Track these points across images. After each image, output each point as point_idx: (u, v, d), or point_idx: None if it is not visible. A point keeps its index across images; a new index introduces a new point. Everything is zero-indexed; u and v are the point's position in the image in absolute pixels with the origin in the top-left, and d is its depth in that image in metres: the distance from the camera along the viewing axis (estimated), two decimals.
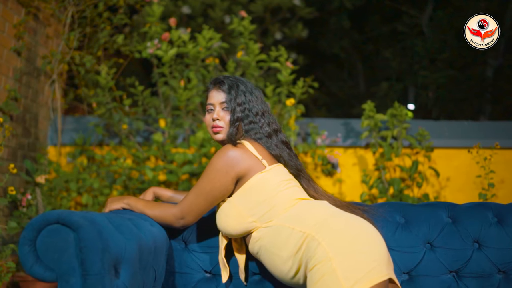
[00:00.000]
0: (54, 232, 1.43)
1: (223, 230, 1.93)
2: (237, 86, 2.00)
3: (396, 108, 3.80)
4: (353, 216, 1.83)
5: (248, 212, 1.88)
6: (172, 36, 3.45)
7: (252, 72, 3.58)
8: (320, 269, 1.66)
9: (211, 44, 3.59)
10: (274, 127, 2.03)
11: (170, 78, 3.50)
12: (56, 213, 1.43)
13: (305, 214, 1.84)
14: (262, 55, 3.62)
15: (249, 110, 1.98)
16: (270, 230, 1.85)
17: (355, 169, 4.02)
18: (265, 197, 1.87)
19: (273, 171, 1.93)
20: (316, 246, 1.71)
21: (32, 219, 1.48)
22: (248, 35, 3.67)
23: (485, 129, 4.20)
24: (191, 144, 3.37)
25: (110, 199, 2.03)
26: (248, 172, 1.89)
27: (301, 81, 3.58)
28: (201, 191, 1.90)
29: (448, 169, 3.96)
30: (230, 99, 1.98)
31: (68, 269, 1.40)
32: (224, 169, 1.88)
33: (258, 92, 2.05)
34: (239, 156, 1.88)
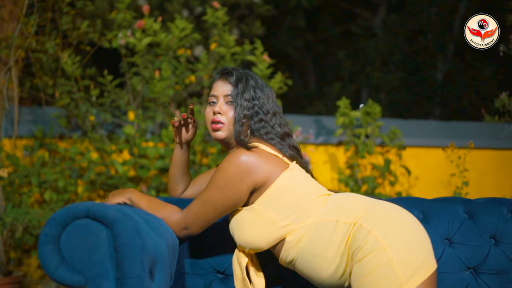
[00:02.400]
0: (83, 228, 1.21)
1: (249, 244, 1.72)
2: (247, 80, 1.79)
3: (370, 105, 3.77)
4: (392, 205, 1.70)
5: (280, 216, 1.69)
6: (146, 25, 3.26)
7: (227, 65, 3.44)
8: (373, 259, 1.52)
9: (184, 34, 3.43)
10: (286, 130, 1.84)
11: (142, 69, 3.31)
12: (85, 205, 1.22)
13: (346, 205, 1.69)
14: (237, 48, 3.49)
15: (260, 108, 1.78)
16: (309, 228, 1.68)
17: (326, 166, 3.96)
18: (297, 196, 1.70)
19: (297, 168, 1.77)
20: (366, 234, 1.57)
21: (55, 213, 1.24)
22: (222, 26, 3.53)
23: (454, 129, 4.25)
24: (163, 138, 3.19)
25: (112, 193, 1.82)
26: (269, 176, 1.70)
27: (279, 75, 3.48)
28: (209, 199, 1.69)
29: (417, 168, 3.98)
30: (237, 93, 1.77)
31: (100, 271, 1.19)
32: (237, 176, 1.67)
33: (270, 90, 1.86)
34: (255, 162, 1.68)
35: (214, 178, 1.71)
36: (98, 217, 1.21)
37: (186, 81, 3.51)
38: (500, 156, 4.09)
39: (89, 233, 1.21)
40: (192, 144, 3.25)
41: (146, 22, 3.25)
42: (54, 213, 1.22)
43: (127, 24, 3.40)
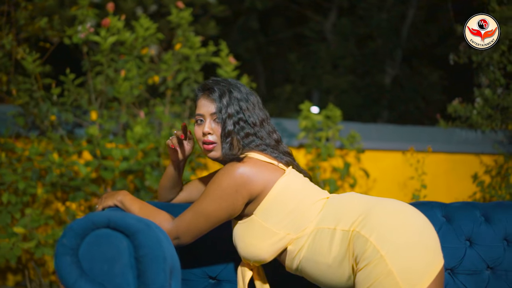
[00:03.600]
0: (103, 238, 1.16)
1: (253, 257, 1.69)
2: (230, 93, 1.75)
3: (331, 109, 3.84)
4: (390, 201, 1.66)
5: (278, 226, 1.66)
6: (111, 23, 3.19)
7: (192, 66, 3.41)
8: (374, 270, 1.50)
9: (149, 33, 3.37)
10: (275, 137, 1.80)
11: (107, 67, 3.23)
12: (105, 215, 1.16)
13: (342, 210, 1.66)
14: (202, 49, 3.47)
15: (245, 121, 1.73)
16: (308, 237, 1.66)
17: None
18: (295, 203, 1.68)
19: (293, 173, 1.74)
20: (364, 243, 1.54)
21: (73, 222, 1.18)
22: (187, 27, 3.50)
23: (409, 133, 4.39)
24: (128, 140, 3.13)
25: (105, 195, 1.76)
26: (266, 185, 1.67)
27: (245, 78, 3.49)
28: (203, 211, 1.65)
29: (375, 170, 4.08)
30: (221, 108, 1.73)
31: (122, 283, 1.14)
32: (232, 188, 1.64)
33: (254, 97, 1.80)
34: (250, 173, 1.65)
35: (208, 190, 1.68)
36: (119, 227, 1.17)
37: (149, 81, 3.46)
38: (452, 160, 4.26)
39: (110, 244, 1.17)
40: (158, 146, 3.21)
41: (112, 20, 3.17)
42: (71, 223, 1.15)
43: (89, 21, 3.32)
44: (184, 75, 3.40)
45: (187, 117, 3.48)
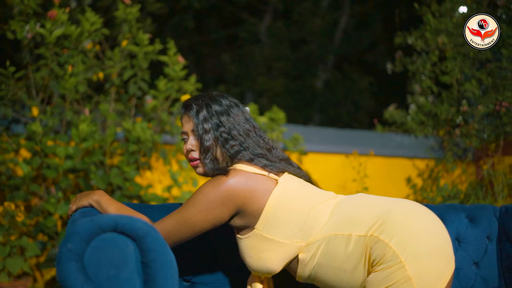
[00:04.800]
0: (109, 242, 1.10)
1: (262, 270, 1.67)
2: (208, 107, 1.72)
3: (275, 111, 3.89)
4: (405, 203, 1.65)
5: (283, 236, 1.64)
6: (57, 15, 3.05)
7: (140, 64, 3.34)
8: (392, 275, 1.51)
9: (94, 28, 3.26)
10: (266, 145, 1.76)
11: (51, 62, 3.08)
12: (112, 218, 1.10)
13: (356, 215, 1.62)
14: (149, 47, 3.40)
15: (228, 133, 1.70)
16: (321, 243, 1.62)
17: None
18: (296, 212, 1.65)
19: (287, 180, 1.71)
20: (384, 247, 1.53)
21: (77, 226, 1.10)
22: (135, 23, 3.42)
23: (349, 137, 4.52)
24: (73, 137, 3.01)
25: (80, 194, 1.69)
26: (255, 197, 1.64)
27: (193, 78, 3.45)
28: (186, 220, 1.61)
29: (316, 172, 4.17)
30: (197, 124, 1.71)
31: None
32: (218, 200, 1.62)
33: (238, 109, 1.76)
34: (237, 184, 1.63)
35: (194, 200, 1.64)
36: (127, 231, 1.11)
37: (94, 77, 3.35)
38: (388, 163, 4.43)
39: (116, 248, 1.11)
40: (103, 145, 3.11)
41: (59, 13, 3.04)
42: (75, 227, 1.08)
43: (30, 11, 3.15)
44: (131, 73, 3.32)
45: (133, 116, 3.40)
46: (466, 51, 4.25)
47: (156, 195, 3.25)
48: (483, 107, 4.01)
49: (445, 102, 4.32)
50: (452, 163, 4.26)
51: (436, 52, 4.49)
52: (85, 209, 1.58)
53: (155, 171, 3.59)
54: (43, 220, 2.95)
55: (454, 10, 4.47)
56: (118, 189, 3.13)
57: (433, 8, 4.50)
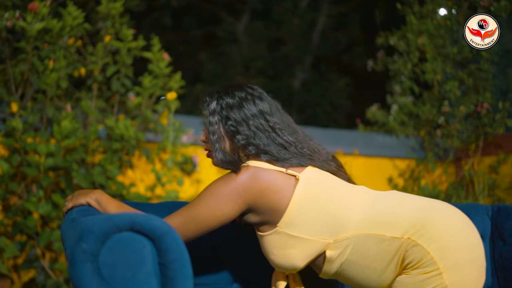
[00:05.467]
0: (125, 242, 1.03)
1: (286, 267, 1.61)
2: (219, 99, 1.69)
3: None
4: (442, 206, 1.60)
5: (309, 233, 1.57)
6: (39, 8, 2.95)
7: (123, 60, 3.26)
8: (428, 281, 1.48)
9: (76, 23, 3.17)
10: (280, 141, 1.65)
11: (31, 56, 2.99)
12: (129, 217, 1.04)
13: (391, 215, 1.56)
14: (133, 43, 3.33)
15: (235, 127, 1.64)
16: (351, 241, 1.56)
17: (213, 169, 3.94)
18: (323, 208, 1.58)
19: (311, 175, 1.63)
20: (421, 252, 1.49)
21: (92, 225, 1.04)
22: (119, 18, 3.34)
23: (332, 136, 4.52)
24: (55, 135, 2.92)
25: (77, 192, 1.63)
26: (272, 195, 1.57)
27: (178, 75, 3.39)
28: (195, 216, 1.57)
29: None
30: (207, 116, 1.69)
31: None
32: (227, 197, 1.56)
33: (253, 104, 1.68)
34: (247, 181, 1.56)
35: (203, 196, 1.59)
36: (144, 230, 1.05)
37: (75, 73, 3.26)
38: (370, 163, 4.44)
39: (132, 248, 1.05)
40: (86, 142, 3.03)
41: (40, 6, 2.94)
42: (90, 226, 1.02)
43: (9, 4, 3.05)
44: (114, 69, 3.25)
45: (116, 113, 3.33)
46: (447, 52, 4.30)
47: (139, 194, 3.19)
48: (464, 107, 4.05)
49: (426, 102, 4.36)
50: (433, 163, 4.29)
51: (417, 53, 4.52)
52: (82, 208, 1.52)
53: (137, 169, 3.52)
54: (23, 220, 2.86)
55: (435, 12, 4.51)
56: (101, 188, 3.06)
57: (415, 9, 4.54)
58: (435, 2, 4.45)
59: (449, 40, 4.38)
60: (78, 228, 1.04)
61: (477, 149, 4.11)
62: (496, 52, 4.10)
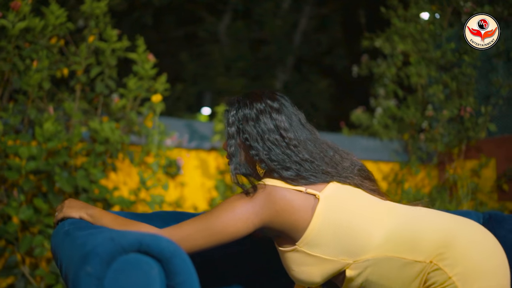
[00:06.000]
0: (132, 265, 0.97)
1: (304, 282, 1.58)
2: (237, 110, 1.63)
3: None
4: (470, 227, 1.54)
5: (328, 253, 1.53)
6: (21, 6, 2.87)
7: (108, 61, 3.19)
8: None
9: (59, 22, 3.09)
10: (296, 159, 1.58)
11: (13, 56, 2.90)
12: (135, 237, 0.97)
13: (415, 237, 1.50)
14: (117, 44, 3.26)
15: (249, 141, 1.60)
16: (371, 263, 1.51)
17: (197, 172, 3.90)
18: (344, 230, 1.53)
19: (332, 194, 1.57)
20: (444, 277, 1.45)
21: (96, 246, 0.97)
22: (103, 18, 3.27)
23: None
24: (37, 137, 2.84)
25: (68, 203, 1.55)
26: (291, 215, 1.53)
27: (164, 77, 3.33)
28: (206, 228, 1.52)
29: None
30: (226, 127, 1.65)
31: None
32: (244, 214, 1.52)
33: (269, 117, 1.60)
34: (265, 202, 1.52)
35: (219, 210, 1.55)
36: (152, 251, 0.99)
37: (58, 73, 3.18)
38: None
39: (140, 271, 0.99)
40: (69, 145, 2.95)
41: (23, 4, 2.86)
42: (94, 247, 0.95)
43: None
44: (98, 70, 3.18)
45: (99, 115, 3.26)
46: (430, 56, 4.32)
47: (123, 198, 3.12)
48: (448, 111, 4.08)
49: (410, 106, 4.37)
50: (416, 166, 4.31)
51: (400, 56, 4.54)
52: (75, 220, 1.46)
53: (120, 172, 3.45)
54: (3, 225, 2.77)
55: (419, 16, 4.53)
56: (84, 192, 2.98)
57: (399, 13, 4.55)
58: (419, 6, 4.47)
59: (433, 44, 4.41)
60: (81, 248, 0.97)
61: (460, 153, 4.14)
62: (478, 57, 4.13)
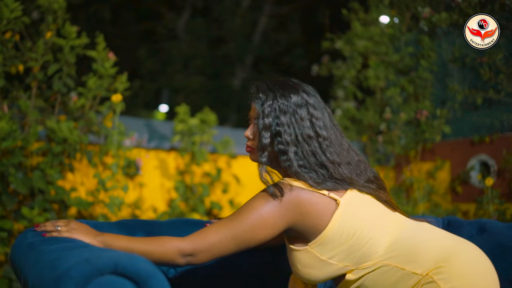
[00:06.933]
0: (107, 287, 0.92)
1: (307, 279, 1.57)
2: (273, 100, 1.56)
3: (207, 113, 3.78)
4: (469, 248, 1.55)
5: (335, 258, 1.53)
6: None
7: (67, 58, 3.09)
8: None
9: (14, 16, 2.98)
10: (324, 159, 1.54)
11: None
12: (111, 258, 0.92)
13: (416, 250, 1.51)
14: (76, 40, 3.16)
15: (280, 135, 1.54)
16: (372, 270, 1.52)
17: (156, 172, 3.85)
18: (354, 238, 1.52)
19: (350, 200, 1.55)
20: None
21: (70, 268, 0.91)
22: (62, 13, 3.17)
23: None
24: None
25: (76, 226, 1.46)
26: (312, 218, 1.51)
27: (125, 76, 3.25)
28: (235, 235, 1.49)
29: (245, 176, 4.12)
30: (259, 116, 1.57)
31: None
32: (271, 218, 1.48)
33: (306, 111, 1.56)
34: (291, 203, 1.49)
35: (245, 215, 1.50)
36: (128, 272, 0.94)
37: (13, 70, 3.06)
38: None
39: None
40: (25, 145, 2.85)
41: None
42: (68, 269, 0.88)
43: None
44: (56, 67, 3.07)
45: (57, 113, 3.15)
46: (389, 60, 4.40)
47: (81, 200, 3.04)
48: (405, 114, 4.16)
49: (369, 108, 4.44)
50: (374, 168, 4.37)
51: (360, 59, 4.60)
52: (38, 232, 1.38)
53: (77, 172, 3.36)
54: None
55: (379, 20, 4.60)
56: (40, 193, 2.89)
57: (360, 16, 4.61)
58: (379, 10, 4.54)
59: (392, 48, 4.48)
60: (52, 269, 0.92)
61: (417, 155, 4.23)
62: (435, 62, 4.24)
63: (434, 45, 4.23)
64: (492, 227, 2.12)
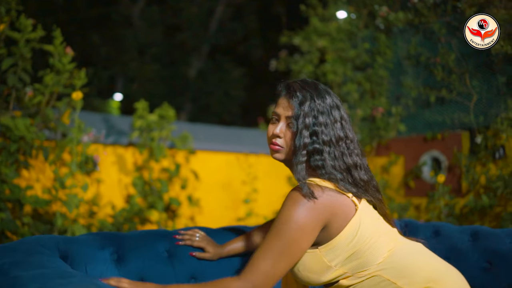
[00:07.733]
0: None
1: (304, 281, 1.58)
2: (311, 100, 1.57)
3: (165, 109, 3.75)
4: (459, 276, 1.61)
5: (339, 265, 1.55)
6: None
7: (22, 52, 3.00)
8: None
9: None
10: (351, 161, 1.59)
11: None
12: None
13: (410, 266, 1.56)
14: (32, 34, 3.07)
15: (317, 136, 1.55)
16: (365, 278, 1.55)
17: (114, 168, 3.80)
18: (360, 247, 1.54)
19: (364, 210, 1.58)
20: None
21: None
22: (15, 5, 3.06)
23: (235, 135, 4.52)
24: None
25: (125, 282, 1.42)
26: (336, 222, 1.52)
27: (83, 72, 3.18)
28: (281, 253, 1.47)
29: (204, 171, 4.12)
30: (298, 116, 1.56)
31: None
32: (310, 225, 1.48)
33: (338, 112, 1.60)
34: (324, 205, 1.49)
35: (284, 229, 1.48)
36: None
37: None
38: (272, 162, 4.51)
39: None
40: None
41: None
42: None
43: None
44: (11, 62, 2.98)
45: (11, 109, 3.06)
46: (347, 56, 4.47)
47: (37, 198, 2.97)
48: (361, 111, 4.25)
49: None
50: None
51: (317, 54, 4.66)
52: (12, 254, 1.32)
53: (32, 169, 3.28)
54: None
55: (337, 16, 4.66)
56: None
57: (318, 12, 4.66)
58: (337, 7, 4.60)
59: (349, 44, 4.56)
60: None
61: (372, 151, 4.34)
62: (390, 60, 4.34)
63: (390, 43, 4.32)
64: (445, 230, 2.21)
